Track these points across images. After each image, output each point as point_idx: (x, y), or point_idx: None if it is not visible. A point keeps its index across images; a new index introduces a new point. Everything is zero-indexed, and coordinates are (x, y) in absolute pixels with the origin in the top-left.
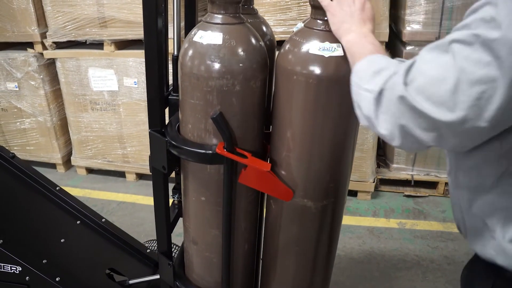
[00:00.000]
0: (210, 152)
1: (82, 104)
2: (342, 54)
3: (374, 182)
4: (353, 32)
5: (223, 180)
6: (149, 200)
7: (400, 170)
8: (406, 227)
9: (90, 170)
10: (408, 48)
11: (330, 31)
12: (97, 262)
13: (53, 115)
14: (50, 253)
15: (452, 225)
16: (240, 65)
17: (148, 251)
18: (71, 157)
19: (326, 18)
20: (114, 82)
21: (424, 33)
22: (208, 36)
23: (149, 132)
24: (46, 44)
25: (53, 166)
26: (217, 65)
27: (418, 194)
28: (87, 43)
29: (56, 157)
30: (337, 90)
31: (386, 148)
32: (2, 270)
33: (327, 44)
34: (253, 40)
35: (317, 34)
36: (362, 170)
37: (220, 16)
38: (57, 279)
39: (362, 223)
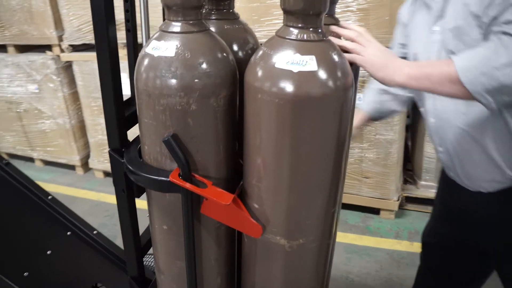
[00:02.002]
0: (165, 179)
1: (99, 107)
2: (316, 69)
3: (398, 200)
4: (402, 65)
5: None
6: None
7: (428, 187)
8: None
9: (107, 174)
10: None
11: (305, 40)
12: (83, 275)
13: (72, 117)
14: (33, 266)
15: None
16: (196, 80)
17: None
18: (89, 160)
19: (300, 25)
20: (127, 86)
21: None
22: (161, 47)
23: (108, 151)
24: (63, 46)
25: (72, 168)
26: (168, 81)
27: None
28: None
29: (75, 159)
30: (312, 112)
31: (414, 162)
32: None
33: (297, 57)
34: (216, 51)
35: (289, 44)
36: (385, 187)
37: (176, 24)
38: None
39: (382, 245)
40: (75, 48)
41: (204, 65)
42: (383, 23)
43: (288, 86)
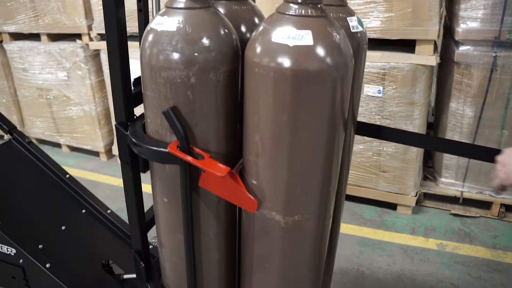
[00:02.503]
0: (164, 150)
1: None
2: (311, 44)
3: (416, 196)
4: None
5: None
6: None
7: (448, 185)
8: (447, 250)
9: None
10: (462, 48)
11: (303, 16)
12: (95, 252)
13: (98, 105)
14: (48, 239)
15: (504, 253)
16: (196, 54)
17: (150, 247)
18: (113, 147)
19: (300, 1)
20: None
21: (481, 31)
22: (164, 22)
23: (114, 124)
24: (92, 35)
25: (96, 154)
26: (169, 54)
27: (468, 214)
28: (128, 35)
29: (99, 145)
30: (308, 88)
31: (434, 159)
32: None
33: (293, 31)
34: (218, 28)
35: (287, 20)
36: (402, 181)
37: (180, 0)
38: (47, 265)
39: (397, 240)
40: (103, 37)
41: (204, 40)
42: (406, 15)
43: (284, 60)
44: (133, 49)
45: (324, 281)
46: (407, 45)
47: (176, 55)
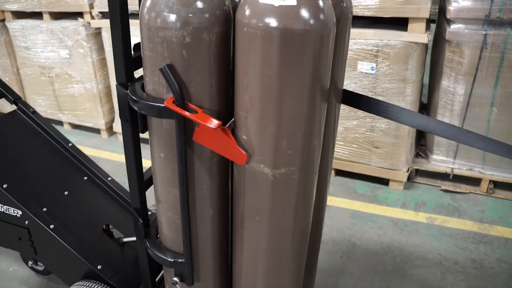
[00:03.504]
0: (160, 105)
1: None
2: (295, 4)
3: (408, 171)
4: None
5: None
6: None
7: (439, 162)
8: (436, 223)
9: None
10: (453, 26)
11: None
12: (96, 216)
13: (99, 82)
14: (52, 203)
15: (490, 227)
16: (190, 15)
17: (149, 213)
18: (113, 124)
19: None
20: None
21: (472, 10)
22: None
23: (115, 85)
24: (93, 13)
25: (97, 131)
26: (166, 15)
27: (458, 190)
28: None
29: (100, 123)
30: (292, 45)
31: (426, 137)
32: (6, 212)
33: None
34: None
35: None
36: (395, 157)
37: None
38: (51, 226)
39: (388, 213)
40: (105, 15)
41: (198, 2)
42: None
43: (270, 20)
44: (137, 27)
45: (313, 239)
46: (400, 24)
47: (172, 16)
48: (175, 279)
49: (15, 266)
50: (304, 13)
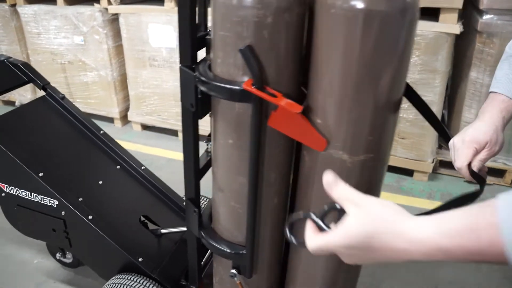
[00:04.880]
0: (238, 88)
1: (141, 60)
2: None
3: (433, 162)
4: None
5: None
6: None
7: None
8: None
9: (145, 127)
10: (485, 17)
11: None
12: (132, 207)
13: (114, 70)
14: (87, 193)
15: None
16: None
17: (184, 203)
18: (128, 113)
19: None
20: (173, 39)
21: (506, 0)
22: None
23: (179, 67)
24: None
25: (111, 120)
26: None
27: None
28: None
29: (114, 111)
30: (379, 28)
31: (450, 128)
32: (41, 202)
33: None
34: None
35: None
36: (420, 148)
37: None
38: (89, 217)
39: (415, 203)
40: (123, 0)
41: None
42: None
43: (356, 1)
44: (156, 13)
45: None
46: (430, 14)
47: None
48: (233, 271)
49: (39, 259)
50: None
